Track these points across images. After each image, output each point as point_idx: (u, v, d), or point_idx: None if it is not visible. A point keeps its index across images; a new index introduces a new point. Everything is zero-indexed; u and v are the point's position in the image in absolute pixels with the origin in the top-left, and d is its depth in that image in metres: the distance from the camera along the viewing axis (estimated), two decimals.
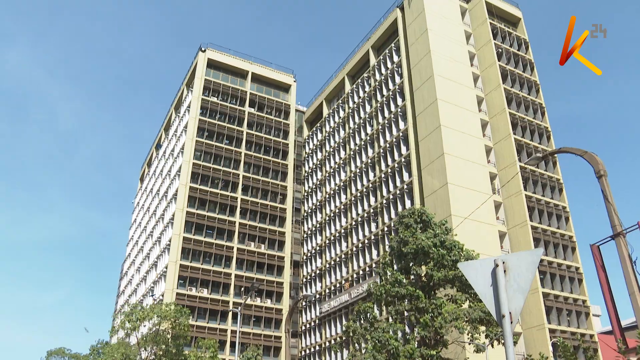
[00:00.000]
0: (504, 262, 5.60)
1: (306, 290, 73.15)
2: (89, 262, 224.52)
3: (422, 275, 32.60)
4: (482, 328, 30.46)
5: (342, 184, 71.56)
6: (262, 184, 77.10)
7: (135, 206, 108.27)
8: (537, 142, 59.43)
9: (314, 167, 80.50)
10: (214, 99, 78.48)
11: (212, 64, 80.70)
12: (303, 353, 70.93)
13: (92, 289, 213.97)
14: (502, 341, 28.64)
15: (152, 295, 70.19)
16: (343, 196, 70.73)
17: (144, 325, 42.08)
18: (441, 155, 54.28)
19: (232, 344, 63.97)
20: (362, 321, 33.44)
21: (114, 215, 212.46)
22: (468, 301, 31.55)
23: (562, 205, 57.44)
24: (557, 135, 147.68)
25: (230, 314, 66.03)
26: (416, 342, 31.12)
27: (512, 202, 55.44)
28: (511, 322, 5.31)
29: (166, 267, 67.28)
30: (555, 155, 51.35)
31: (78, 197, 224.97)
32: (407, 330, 35.74)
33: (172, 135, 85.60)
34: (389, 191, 61.34)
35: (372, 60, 71.25)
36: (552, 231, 54.86)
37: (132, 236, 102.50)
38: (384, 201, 61.33)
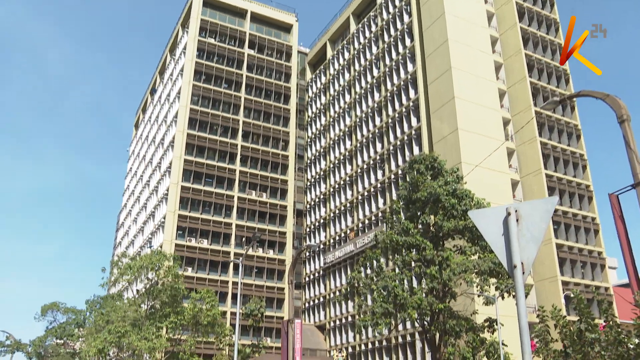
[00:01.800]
0: (516, 211, 5.53)
1: (310, 240, 73.93)
2: (84, 213, 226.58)
3: (431, 224, 32.76)
4: (492, 280, 30.79)
5: (346, 129, 71.24)
6: (263, 129, 76.85)
7: (131, 154, 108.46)
8: (554, 85, 58.67)
9: (318, 112, 79.99)
10: (211, 40, 77.36)
11: (208, 3, 79.17)
12: (307, 305, 72.21)
13: (87, 241, 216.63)
14: (513, 293, 28.99)
15: (150, 247, 71.06)
16: (348, 142, 70.53)
17: (140, 280, 42.67)
18: (451, 99, 53.73)
19: (234, 296, 65.06)
20: (368, 270, 33.81)
21: (109, 164, 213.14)
22: (478, 253, 31.78)
23: (580, 152, 57.17)
24: (576, 78, 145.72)
25: (231, 265, 67.02)
26: (424, 294, 31.55)
27: (526, 149, 55.18)
28: (523, 273, 5.29)
29: (164, 218, 67.85)
30: (574, 99, 50.72)
31: (70, 145, 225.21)
32: (415, 281, 36.19)
33: (168, 79, 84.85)
34: (396, 137, 61.05)
35: None
36: (567, 180, 54.78)
37: (128, 186, 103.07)
38: (391, 148, 61.12)
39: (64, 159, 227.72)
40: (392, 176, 59.74)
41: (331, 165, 73.09)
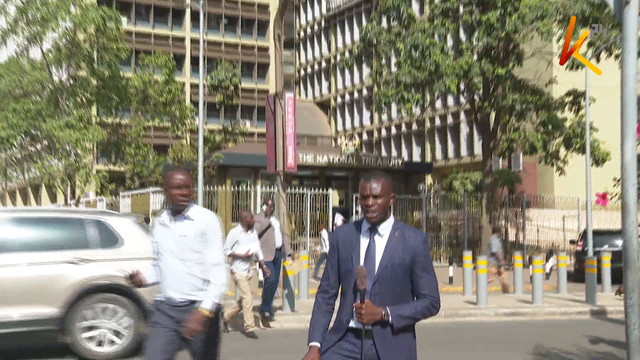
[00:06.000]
0: None
1: None
2: None
3: None
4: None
5: None
6: None
7: None
8: None
9: None
10: None
11: None
12: (302, 72, 73.28)
13: None
14: (616, 51, 27.70)
15: None
16: None
17: (51, 32, 41.56)
18: None
19: (194, 60, 64.60)
20: (391, 23, 33.45)
21: None
22: None
23: None
24: None
25: (187, 12, 66.72)
26: (475, 55, 30.66)
27: None
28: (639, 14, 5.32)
29: None
30: None
31: None
32: (463, 36, 35.09)
33: None
34: None
35: None
36: None
37: None
38: None
39: None
40: None
41: None
